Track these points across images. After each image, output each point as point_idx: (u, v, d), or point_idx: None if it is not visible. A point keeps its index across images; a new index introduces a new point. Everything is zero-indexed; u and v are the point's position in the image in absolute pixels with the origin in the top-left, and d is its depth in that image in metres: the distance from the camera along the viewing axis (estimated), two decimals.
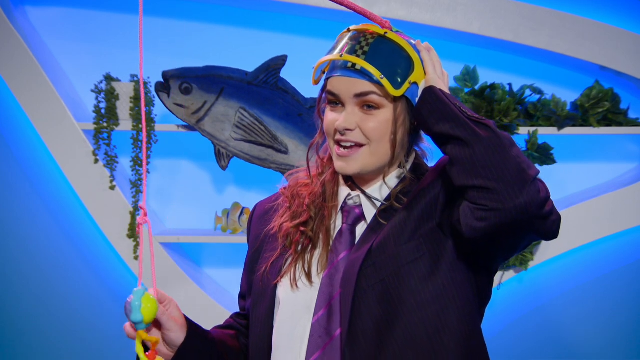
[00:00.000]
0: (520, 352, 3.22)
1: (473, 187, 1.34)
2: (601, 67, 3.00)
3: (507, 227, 1.34)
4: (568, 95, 3.07)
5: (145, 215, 1.34)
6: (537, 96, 3.02)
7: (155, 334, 1.46)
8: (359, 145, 1.46)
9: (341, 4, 1.45)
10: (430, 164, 1.57)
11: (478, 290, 1.49)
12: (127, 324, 1.41)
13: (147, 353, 1.37)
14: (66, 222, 3.17)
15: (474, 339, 1.46)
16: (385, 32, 1.45)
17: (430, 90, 1.41)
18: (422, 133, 1.54)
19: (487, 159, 1.33)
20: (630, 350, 3.24)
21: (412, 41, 1.48)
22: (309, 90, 2.96)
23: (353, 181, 1.54)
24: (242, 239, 2.97)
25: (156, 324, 1.46)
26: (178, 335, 1.46)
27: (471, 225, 1.36)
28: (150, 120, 2.96)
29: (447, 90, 1.44)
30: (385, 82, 1.41)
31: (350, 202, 1.53)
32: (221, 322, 1.71)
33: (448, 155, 1.39)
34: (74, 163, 2.97)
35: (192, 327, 1.50)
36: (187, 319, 1.50)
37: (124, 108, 2.96)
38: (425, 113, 1.40)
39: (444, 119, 1.38)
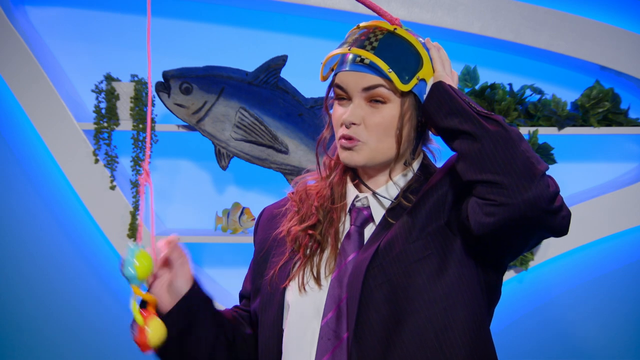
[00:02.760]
0: (521, 352, 3.22)
1: (481, 181, 1.34)
2: (601, 67, 3.00)
3: (516, 222, 1.34)
4: (568, 95, 3.07)
5: (148, 175, 1.33)
6: (538, 96, 3.02)
7: (162, 277, 1.45)
8: (360, 142, 1.46)
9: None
10: (439, 164, 1.57)
11: (487, 288, 1.49)
12: None
13: (141, 310, 1.35)
14: (66, 222, 3.17)
15: (482, 338, 1.46)
16: (395, 29, 1.46)
17: (439, 85, 1.41)
18: (430, 134, 1.54)
19: (496, 153, 1.33)
20: (631, 350, 3.24)
21: (421, 39, 1.48)
22: (309, 90, 2.96)
23: (360, 178, 1.54)
24: (243, 239, 2.97)
25: (167, 264, 1.46)
26: (183, 284, 1.47)
27: (480, 221, 1.35)
28: (151, 120, 2.96)
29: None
30: (393, 76, 1.41)
31: (358, 204, 1.52)
32: None
33: (456, 151, 1.39)
34: (74, 163, 2.97)
35: (198, 285, 1.50)
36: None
37: (124, 108, 2.96)
38: (434, 107, 1.40)
39: (453, 114, 1.38)
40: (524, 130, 2.96)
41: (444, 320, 1.41)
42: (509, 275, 3.04)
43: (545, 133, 2.98)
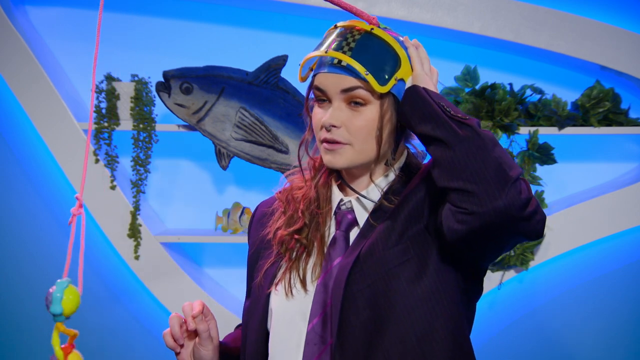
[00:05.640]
0: (521, 352, 3.22)
1: (453, 189, 1.33)
2: (602, 67, 3.00)
3: (488, 230, 1.33)
4: (569, 95, 3.07)
5: (80, 206, 1.31)
6: (538, 96, 3.02)
7: (188, 346, 1.52)
8: (345, 144, 1.45)
9: (330, 1, 1.45)
10: (424, 160, 1.56)
11: (466, 289, 1.48)
12: (168, 336, 1.48)
13: (63, 346, 1.36)
14: (66, 222, 3.16)
15: (461, 340, 1.45)
16: (372, 29, 1.44)
17: (412, 90, 1.40)
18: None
19: (467, 160, 1.32)
20: (631, 349, 3.24)
21: (400, 38, 1.46)
22: None
23: (343, 179, 1.53)
24: (243, 239, 2.97)
25: (191, 337, 1.53)
26: (210, 355, 1.53)
27: (452, 227, 1.35)
28: (151, 120, 2.96)
29: (434, 88, 1.42)
30: (370, 78, 1.40)
31: (342, 208, 1.52)
32: (221, 321, 1.72)
33: (431, 156, 1.38)
34: (74, 163, 2.97)
35: (224, 350, 1.56)
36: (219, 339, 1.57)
37: (124, 108, 2.96)
38: (408, 112, 1.39)
39: (426, 119, 1.37)
40: (525, 130, 2.97)
41: (425, 325, 1.40)
42: (509, 275, 3.04)
43: (546, 133, 2.98)
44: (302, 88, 2.95)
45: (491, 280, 3.01)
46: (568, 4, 3.04)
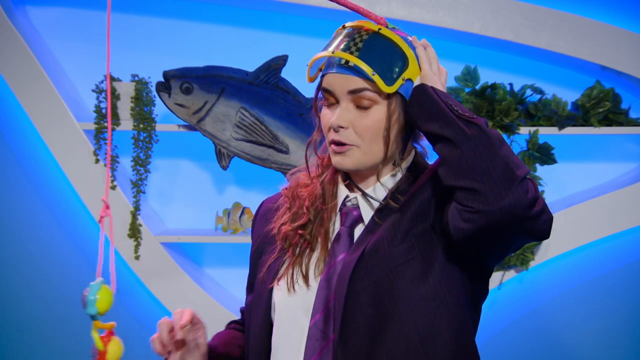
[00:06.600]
0: (521, 352, 3.22)
1: (460, 188, 1.34)
2: (602, 67, 3.00)
3: (494, 229, 1.33)
4: (569, 95, 3.07)
5: (107, 208, 1.36)
6: (538, 96, 3.02)
7: (177, 352, 1.52)
8: (352, 145, 1.45)
9: (337, 2, 1.45)
10: (431, 161, 1.56)
11: (472, 290, 1.48)
12: (156, 342, 1.49)
13: (101, 335, 1.43)
14: (67, 222, 3.17)
15: (465, 341, 1.45)
16: (380, 29, 1.44)
17: (420, 88, 1.40)
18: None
19: (474, 159, 1.32)
20: (631, 349, 3.24)
21: (408, 38, 1.47)
22: (309, 90, 2.95)
23: (350, 179, 1.54)
24: (243, 239, 2.97)
25: (179, 344, 1.52)
26: None
27: (458, 226, 1.35)
28: (151, 120, 2.96)
29: (442, 87, 1.43)
30: (377, 78, 1.40)
31: (348, 204, 1.52)
32: (221, 321, 1.72)
33: (438, 154, 1.39)
34: (75, 163, 2.97)
35: (212, 355, 1.57)
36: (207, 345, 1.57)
37: (124, 108, 2.96)
38: (415, 111, 1.40)
39: (433, 118, 1.37)
40: (525, 130, 2.97)
41: (428, 324, 1.40)
42: (509, 275, 3.04)
43: (546, 133, 2.98)
44: (302, 88, 2.96)
45: (491, 280, 2.99)
46: (568, 4, 3.04)
